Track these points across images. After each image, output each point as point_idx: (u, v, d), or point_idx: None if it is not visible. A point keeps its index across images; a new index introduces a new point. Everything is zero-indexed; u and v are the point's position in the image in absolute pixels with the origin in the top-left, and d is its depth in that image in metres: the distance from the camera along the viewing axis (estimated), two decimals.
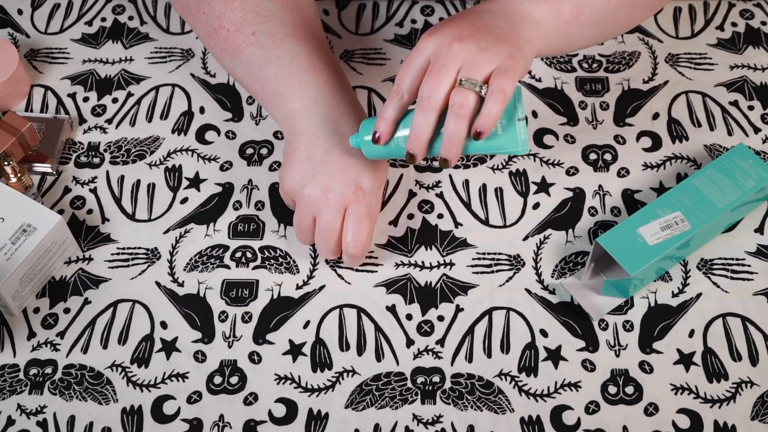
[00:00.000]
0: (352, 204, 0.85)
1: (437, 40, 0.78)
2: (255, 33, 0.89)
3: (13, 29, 1.09)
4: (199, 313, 0.90)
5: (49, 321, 0.89)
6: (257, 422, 0.84)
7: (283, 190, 0.88)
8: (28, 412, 0.85)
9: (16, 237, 0.87)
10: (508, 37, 0.79)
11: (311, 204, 0.86)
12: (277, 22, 0.90)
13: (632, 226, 0.88)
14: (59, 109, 1.03)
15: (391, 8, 1.10)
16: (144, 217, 0.95)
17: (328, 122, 0.86)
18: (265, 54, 0.88)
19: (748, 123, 1.01)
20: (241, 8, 0.90)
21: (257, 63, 0.89)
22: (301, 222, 0.88)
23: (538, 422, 0.84)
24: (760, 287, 0.90)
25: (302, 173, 0.86)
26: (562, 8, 0.83)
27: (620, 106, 1.02)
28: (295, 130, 0.87)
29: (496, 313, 0.89)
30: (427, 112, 0.78)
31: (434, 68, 0.77)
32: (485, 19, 0.80)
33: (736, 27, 1.08)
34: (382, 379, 0.86)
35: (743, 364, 0.86)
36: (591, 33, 0.88)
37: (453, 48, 0.77)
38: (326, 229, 0.86)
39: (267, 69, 0.88)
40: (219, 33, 0.91)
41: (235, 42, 0.90)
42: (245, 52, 0.89)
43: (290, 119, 0.88)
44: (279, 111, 0.88)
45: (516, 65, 0.77)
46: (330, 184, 0.85)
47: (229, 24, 0.90)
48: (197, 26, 0.94)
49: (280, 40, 0.89)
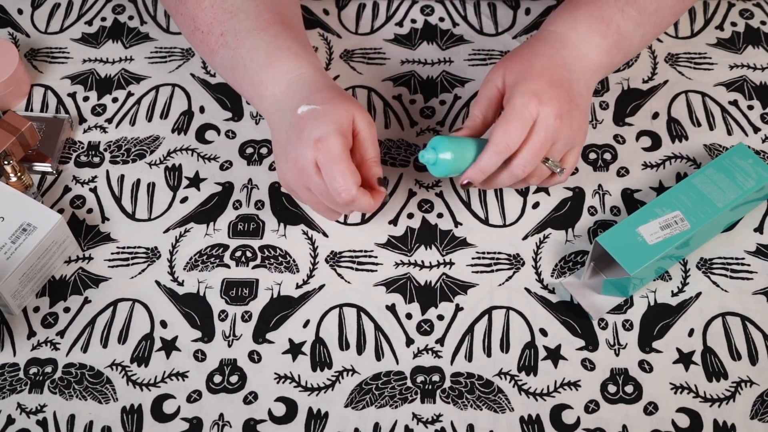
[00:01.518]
0: (320, 157, 0.82)
1: (548, 108, 0.83)
2: (223, 33, 0.89)
3: (13, 29, 1.09)
4: (199, 313, 0.90)
5: (49, 320, 0.89)
6: (257, 421, 0.84)
7: (284, 188, 0.89)
8: (28, 411, 0.85)
9: (16, 236, 0.87)
10: (585, 107, 0.87)
11: (299, 184, 0.85)
12: (241, 16, 0.89)
13: (632, 225, 0.88)
14: (59, 108, 1.03)
15: (391, 8, 1.10)
16: (144, 216, 0.96)
17: (289, 109, 0.86)
18: (233, 56, 0.89)
19: (747, 122, 1.01)
20: (210, 7, 0.90)
21: (229, 65, 0.90)
22: (311, 203, 0.87)
23: (538, 421, 0.84)
24: (760, 286, 0.90)
25: (281, 164, 0.86)
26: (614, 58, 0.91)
27: (620, 106, 1.02)
28: (270, 127, 0.88)
29: (496, 313, 0.89)
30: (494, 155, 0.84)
31: (537, 141, 0.84)
32: (573, 83, 0.86)
33: (735, 27, 1.08)
34: (381, 378, 0.86)
35: (743, 363, 0.86)
36: None
37: (555, 126, 0.83)
38: (321, 192, 0.84)
39: (236, 71, 0.89)
40: (195, 35, 0.92)
41: (209, 44, 0.91)
42: (218, 54, 0.90)
43: (266, 117, 0.89)
44: (260, 110, 0.90)
45: (584, 139, 0.88)
46: (296, 155, 0.83)
47: (202, 25, 0.91)
48: (180, 28, 0.95)
49: (243, 36, 0.89)
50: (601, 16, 0.88)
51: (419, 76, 1.05)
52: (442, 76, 1.05)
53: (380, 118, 1.02)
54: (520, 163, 0.84)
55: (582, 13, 0.89)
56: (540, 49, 0.87)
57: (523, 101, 0.83)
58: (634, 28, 0.90)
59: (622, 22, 0.89)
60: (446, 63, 1.06)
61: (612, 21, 0.88)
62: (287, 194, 0.96)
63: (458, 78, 1.04)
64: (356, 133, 0.85)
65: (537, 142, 0.84)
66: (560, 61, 0.86)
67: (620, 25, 0.89)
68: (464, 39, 1.08)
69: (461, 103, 1.02)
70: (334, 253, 0.93)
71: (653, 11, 0.90)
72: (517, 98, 0.83)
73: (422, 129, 1.01)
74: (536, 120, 0.83)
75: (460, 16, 1.09)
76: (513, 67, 0.86)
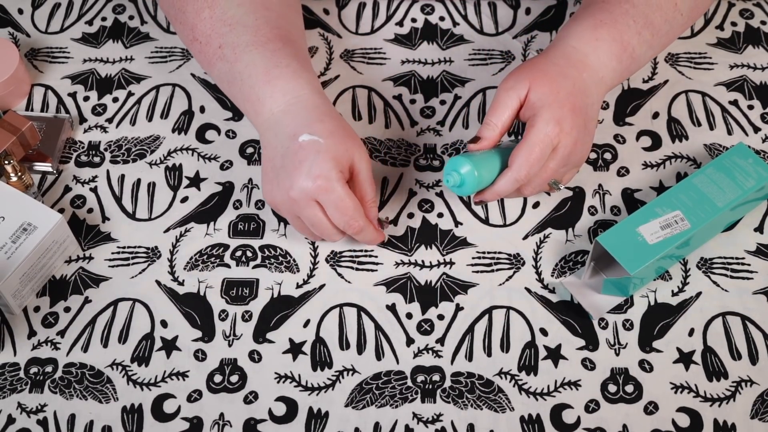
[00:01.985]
0: (320, 196, 0.84)
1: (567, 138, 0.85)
2: (221, 46, 0.89)
3: (14, 29, 1.09)
4: (200, 312, 0.90)
5: (50, 320, 0.89)
6: (257, 421, 0.84)
7: (268, 203, 0.89)
8: (28, 410, 0.85)
9: (16, 236, 0.87)
10: (594, 130, 0.89)
11: (288, 210, 0.87)
12: (240, 30, 0.89)
13: (632, 225, 0.88)
14: (60, 108, 1.03)
15: (391, 7, 1.10)
16: (144, 216, 0.96)
17: (286, 130, 0.86)
18: (230, 69, 0.89)
19: (747, 122, 1.01)
20: (209, 18, 0.90)
21: (226, 79, 0.90)
22: (295, 225, 0.89)
23: (538, 421, 0.84)
24: (760, 286, 0.90)
25: (269, 184, 0.87)
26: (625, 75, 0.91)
27: (620, 106, 1.02)
28: (262, 144, 0.88)
29: (496, 312, 0.89)
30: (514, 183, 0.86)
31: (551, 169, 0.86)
32: (590, 113, 0.88)
33: (735, 26, 1.08)
34: (382, 378, 0.86)
35: (743, 362, 0.86)
36: None
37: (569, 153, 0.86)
38: (314, 225, 0.87)
39: (233, 86, 0.90)
40: (194, 45, 0.92)
41: (207, 55, 0.91)
42: (216, 66, 0.90)
43: (259, 133, 0.89)
44: (253, 124, 0.90)
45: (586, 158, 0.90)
46: (290, 184, 0.84)
47: (200, 36, 0.91)
48: (179, 35, 0.95)
49: (241, 51, 0.88)
50: (621, 39, 0.88)
51: (419, 75, 1.05)
52: (442, 76, 1.05)
53: (380, 118, 1.02)
54: (530, 188, 0.88)
55: (604, 34, 0.88)
56: (565, 69, 0.87)
57: (547, 129, 0.84)
58: (646, 51, 0.91)
59: (638, 46, 0.89)
60: (446, 63, 1.06)
61: (629, 44, 0.89)
62: None
63: (458, 78, 1.04)
64: (355, 173, 0.86)
65: (551, 170, 0.86)
66: (581, 85, 0.87)
67: (635, 49, 0.89)
68: (464, 39, 1.08)
69: (461, 103, 1.02)
70: (335, 253, 0.93)
71: (664, 33, 0.91)
72: (542, 125, 0.84)
73: (422, 129, 1.01)
74: (555, 148, 0.85)
75: (460, 16, 1.09)
76: (540, 85, 0.85)
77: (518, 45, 1.07)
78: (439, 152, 0.99)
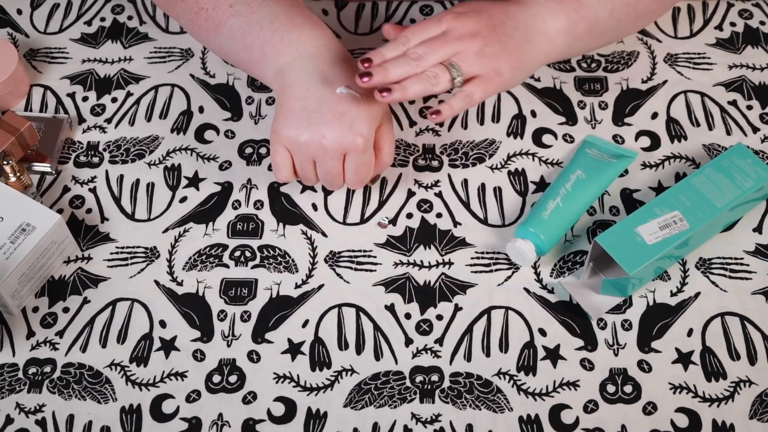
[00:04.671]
0: (351, 153, 0.86)
1: (460, 23, 0.85)
2: (233, 5, 0.90)
3: (13, 29, 1.09)
4: (198, 312, 0.90)
5: (48, 320, 0.89)
6: (256, 421, 0.84)
7: (278, 142, 0.87)
8: (27, 410, 0.85)
9: (15, 236, 0.87)
10: (514, 53, 0.87)
11: (310, 152, 0.86)
12: None
13: (631, 225, 0.88)
14: (58, 108, 1.03)
15: (390, 8, 1.10)
16: (143, 216, 0.96)
17: (316, 73, 0.87)
18: (246, 20, 0.90)
19: (746, 122, 1.01)
20: None
21: (240, 31, 0.90)
22: (303, 169, 0.89)
23: (537, 421, 0.84)
24: (759, 286, 0.90)
25: (297, 122, 0.86)
26: (578, 27, 0.91)
27: (619, 106, 1.02)
28: (285, 82, 0.88)
29: (495, 312, 0.89)
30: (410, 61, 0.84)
31: (440, 39, 0.85)
32: (508, 25, 0.87)
33: (734, 27, 1.08)
34: (380, 378, 0.86)
35: (742, 363, 0.86)
36: (597, 44, 0.96)
37: (465, 38, 0.85)
38: (328, 174, 0.88)
39: (250, 35, 0.89)
40: (200, 15, 0.92)
41: (216, 18, 0.91)
42: (227, 24, 0.90)
43: (279, 75, 0.88)
44: (268, 71, 0.89)
45: (499, 82, 0.87)
46: (325, 132, 0.85)
47: (206, 3, 0.91)
48: (180, 16, 0.95)
49: (258, 5, 0.90)
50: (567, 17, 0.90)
51: None
52: None
53: None
54: (419, 49, 0.85)
55: None
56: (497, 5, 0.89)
57: (441, 14, 0.86)
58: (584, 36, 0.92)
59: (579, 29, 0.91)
60: None
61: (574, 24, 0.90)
62: (286, 194, 0.96)
63: None
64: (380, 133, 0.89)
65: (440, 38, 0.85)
66: (504, 8, 0.88)
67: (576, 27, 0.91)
68: None
69: None
70: (333, 253, 0.93)
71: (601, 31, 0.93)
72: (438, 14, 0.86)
73: (421, 129, 1.01)
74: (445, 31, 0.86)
75: None
76: None
77: None
78: (438, 152, 0.99)
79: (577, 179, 0.93)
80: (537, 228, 0.90)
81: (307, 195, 0.97)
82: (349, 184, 0.90)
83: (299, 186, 0.97)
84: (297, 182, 0.96)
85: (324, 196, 0.96)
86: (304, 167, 0.89)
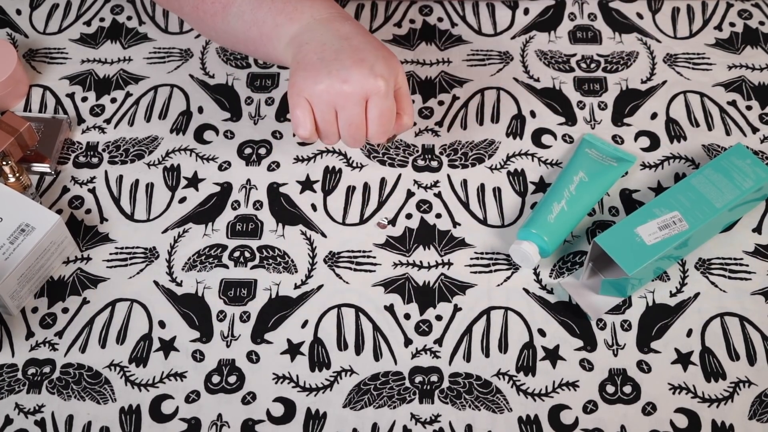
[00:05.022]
0: (374, 96, 0.84)
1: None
2: None
3: (12, 29, 1.09)
4: (198, 313, 0.90)
5: (48, 321, 0.89)
6: (255, 421, 0.84)
7: (297, 94, 0.85)
8: (26, 411, 0.85)
9: (14, 237, 0.87)
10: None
11: (331, 99, 0.84)
12: None
13: (630, 225, 0.88)
14: (58, 109, 1.03)
15: (390, 8, 1.10)
16: (142, 216, 0.96)
17: (332, 30, 0.86)
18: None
19: (746, 123, 1.01)
20: None
21: (249, 7, 0.89)
22: (324, 122, 0.86)
23: (536, 422, 0.84)
24: (758, 287, 0.90)
25: (316, 72, 0.84)
26: None
27: (618, 106, 1.02)
28: (300, 44, 0.87)
29: (494, 313, 0.89)
30: None
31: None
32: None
33: (734, 27, 1.08)
34: (380, 379, 0.86)
35: (741, 363, 0.86)
36: None
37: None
38: (351, 124, 0.85)
39: (260, 9, 0.89)
40: (205, 1, 0.91)
41: (223, 2, 0.91)
42: (235, 3, 0.90)
43: (293, 40, 0.87)
44: (280, 42, 0.89)
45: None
46: (347, 77, 0.83)
47: None
48: (183, 7, 0.94)
49: None
50: None
51: (418, 76, 1.05)
52: (440, 77, 1.05)
53: None
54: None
55: None
56: None
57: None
58: None
59: None
60: (445, 63, 1.06)
61: None
62: (286, 194, 0.96)
63: (457, 78, 1.04)
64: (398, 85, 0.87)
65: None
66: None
67: None
68: (463, 39, 1.08)
69: (459, 104, 1.02)
70: (333, 254, 0.93)
71: None
72: None
73: (421, 129, 1.01)
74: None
75: (458, 17, 1.09)
76: None
77: (516, 45, 1.07)
78: (437, 153, 0.99)
79: (580, 182, 0.93)
80: (542, 231, 0.90)
81: (307, 195, 0.97)
82: (372, 136, 0.87)
83: (299, 186, 0.97)
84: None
85: (323, 197, 0.96)
86: (326, 119, 0.86)
